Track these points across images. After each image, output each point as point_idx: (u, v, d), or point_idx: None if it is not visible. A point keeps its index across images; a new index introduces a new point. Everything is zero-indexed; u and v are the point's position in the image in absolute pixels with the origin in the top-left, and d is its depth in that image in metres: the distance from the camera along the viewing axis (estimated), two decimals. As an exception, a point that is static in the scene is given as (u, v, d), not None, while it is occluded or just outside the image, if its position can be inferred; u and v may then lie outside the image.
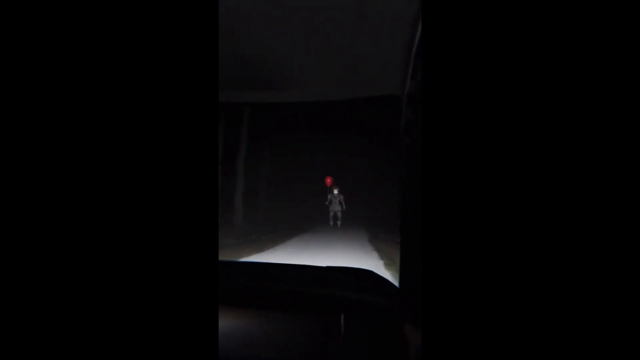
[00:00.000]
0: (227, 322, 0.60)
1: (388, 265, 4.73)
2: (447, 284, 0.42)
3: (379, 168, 13.46)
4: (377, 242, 7.17)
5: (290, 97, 0.90)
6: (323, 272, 0.88)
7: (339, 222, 11.57)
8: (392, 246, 6.27)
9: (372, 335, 0.60)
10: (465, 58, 0.42)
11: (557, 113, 0.40)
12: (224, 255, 5.24)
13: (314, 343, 0.59)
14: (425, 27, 0.44)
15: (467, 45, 0.42)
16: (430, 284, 0.43)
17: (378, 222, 11.80)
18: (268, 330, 0.61)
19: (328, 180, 12.71)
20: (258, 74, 0.81)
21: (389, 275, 3.89)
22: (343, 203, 11.61)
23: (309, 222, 12.24)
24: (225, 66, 0.73)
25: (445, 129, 0.42)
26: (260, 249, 6.10)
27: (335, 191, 11.73)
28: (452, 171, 0.42)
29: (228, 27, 0.64)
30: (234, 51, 0.73)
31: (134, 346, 0.44)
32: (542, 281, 0.40)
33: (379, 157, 13.23)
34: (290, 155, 13.67)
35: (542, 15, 0.40)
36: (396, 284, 0.70)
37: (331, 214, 11.77)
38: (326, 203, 11.87)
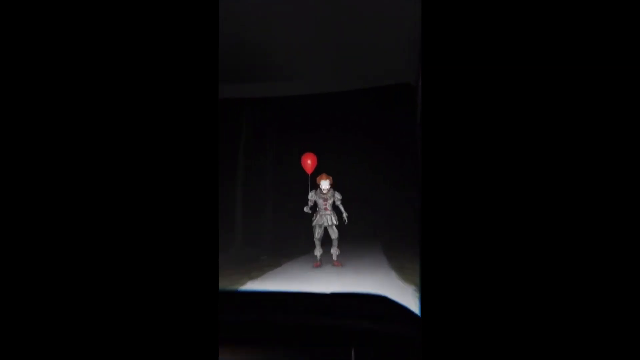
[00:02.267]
0: None
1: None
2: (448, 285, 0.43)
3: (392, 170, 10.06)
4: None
5: (295, 90, 0.88)
6: (328, 299, 0.79)
7: (334, 252, 5.55)
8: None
9: None
10: (467, 48, 0.42)
11: (566, 110, 0.40)
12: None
13: None
14: (425, 14, 0.44)
15: (469, 35, 0.42)
16: (429, 282, 0.43)
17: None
18: None
19: (308, 163, 6.27)
20: (262, 65, 0.79)
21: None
22: (342, 208, 5.64)
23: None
24: (226, 59, 0.73)
25: (446, 123, 0.43)
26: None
27: (325, 186, 5.61)
28: (453, 169, 0.43)
29: (228, 17, 0.63)
30: (236, 43, 0.71)
31: None
32: (544, 286, 0.41)
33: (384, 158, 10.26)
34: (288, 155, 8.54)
35: (547, 9, 0.40)
36: (416, 310, 0.59)
37: (316, 233, 5.59)
38: (306, 210, 5.74)
